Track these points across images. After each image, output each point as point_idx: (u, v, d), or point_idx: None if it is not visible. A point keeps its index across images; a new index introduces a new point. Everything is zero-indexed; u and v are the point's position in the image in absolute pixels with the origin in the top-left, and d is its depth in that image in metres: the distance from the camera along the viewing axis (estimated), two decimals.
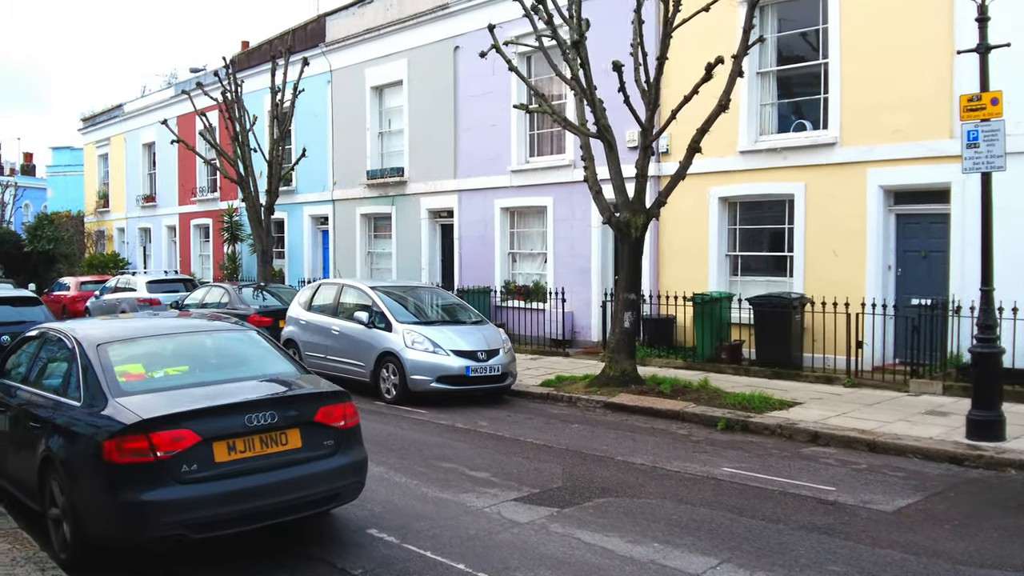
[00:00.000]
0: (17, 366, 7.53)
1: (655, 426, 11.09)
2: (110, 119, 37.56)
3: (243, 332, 7.27)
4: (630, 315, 13.20)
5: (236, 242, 27.91)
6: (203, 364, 6.76)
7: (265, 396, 6.16)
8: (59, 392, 6.44)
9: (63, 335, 6.86)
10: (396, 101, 22.81)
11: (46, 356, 7.11)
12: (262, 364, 6.90)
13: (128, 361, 6.43)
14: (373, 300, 13.33)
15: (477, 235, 20.28)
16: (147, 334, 7.02)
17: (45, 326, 7.49)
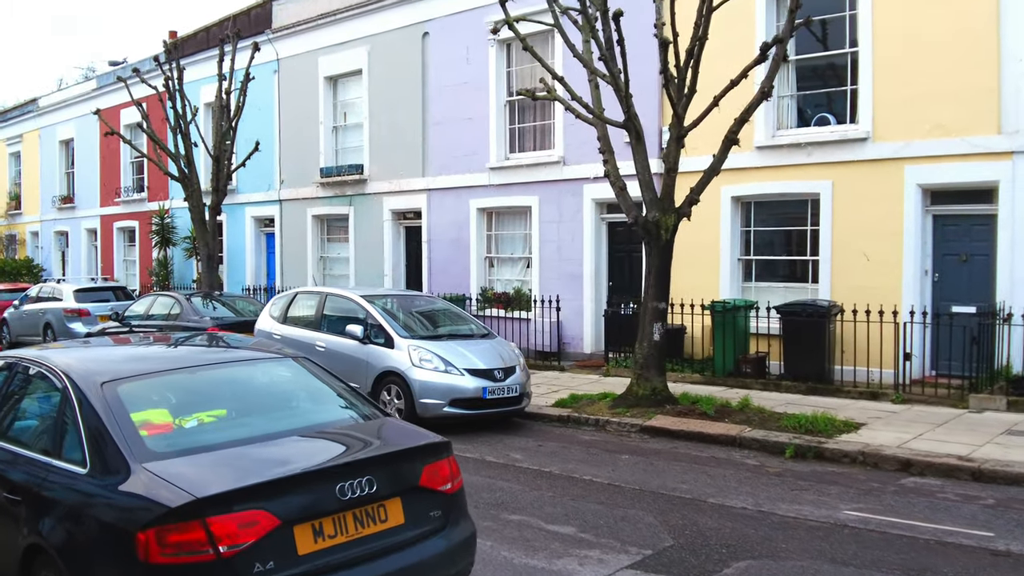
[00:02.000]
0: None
1: (715, 455, 9.64)
2: (23, 114, 34.47)
3: (285, 361, 5.49)
4: (660, 326, 11.74)
5: (168, 246, 25.52)
6: (245, 407, 5.00)
7: (359, 456, 4.43)
8: (48, 451, 4.61)
9: (44, 368, 5.01)
10: (354, 93, 20.92)
11: (18, 397, 5.25)
12: (322, 404, 5.18)
13: (146, 405, 4.65)
14: (368, 312, 11.54)
15: (450, 238, 18.58)
16: (164, 367, 5.18)
17: (10, 355, 5.57)
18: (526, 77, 17.47)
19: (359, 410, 5.13)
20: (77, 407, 4.51)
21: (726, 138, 11.50)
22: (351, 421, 4.97)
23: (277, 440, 4.50)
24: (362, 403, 5.26)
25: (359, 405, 5.21)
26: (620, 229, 16.21)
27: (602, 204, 16.20)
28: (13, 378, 5.31)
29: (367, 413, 5.12)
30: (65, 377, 4.73)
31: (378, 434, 4.85)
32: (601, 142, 12.25)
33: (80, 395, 4.55)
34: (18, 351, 5.66)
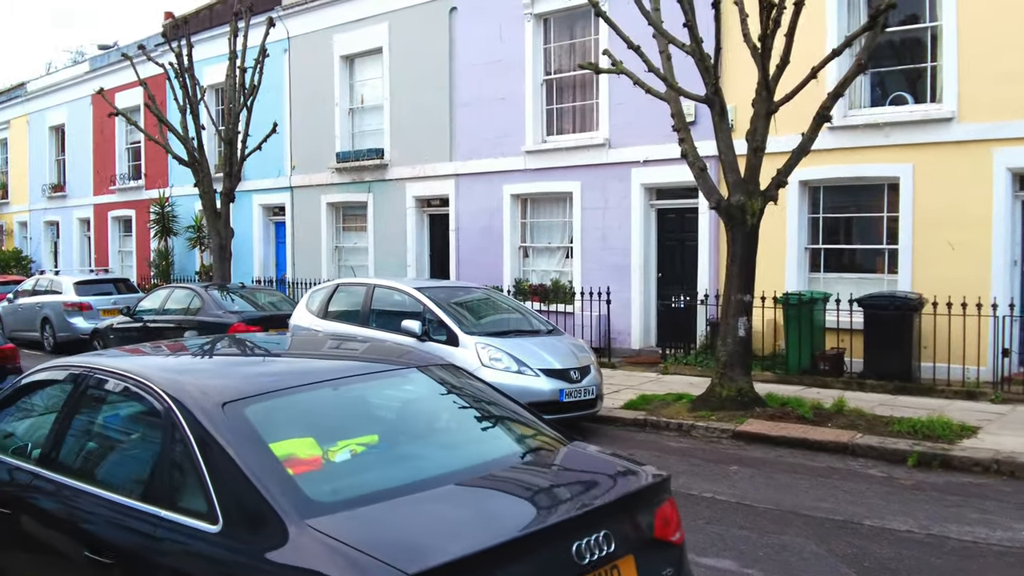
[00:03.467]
0: (20, 433, 4.54)
1: (831, 464, 8.62)
2: (10, 99, 32.92)
3: (431, 369, 4.37)
4: (745, 321, 10.70)
5: (169, 235, 24.22)
6: (398, 431, 3.89)
7: (593, 504, 3.31)
8: (152, 497, 3.45)
9: (134, 384, 3.83)
10: (372, 72, 19.72)
11: (95, 421, 4.11)
12: (492, 424, 4.07)
13: (285, 432, 3.53)
14: (426, 305, 10.42)
15: (480, 227, 17.45)
16: (297, 380, 3.98)
17: (73, 363, 4.41)
18: (564, 55, 16.37)
19: (537, 430, 4.03)
20: (193, 438, 3.37)
21: (818, 114, 10.49)
22: (536, 447, 3.86)
23: (466, 478, 3.39)
24: (533, 419, 4.16)
25: (532, 422, 4.11)
26: (671, 216, 15.16)
27: (651, 189, 15.14)
28: (83, 394, 4.15)
29: (549, 434, 4.01)
30: (168, 397, 3.58)
31: (583, 467, 3.76)
32: (675, 119, 11.22)
33: (195, 421, 3.41)
34: (82, 358, 4.51)
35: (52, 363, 4.64)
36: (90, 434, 4.10)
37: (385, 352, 4.75)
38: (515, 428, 4.03)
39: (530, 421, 4.15)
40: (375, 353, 4.81)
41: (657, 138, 14.72)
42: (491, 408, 4.16)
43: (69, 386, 4.27)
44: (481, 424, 4.09)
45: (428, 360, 4.60)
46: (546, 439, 3.94)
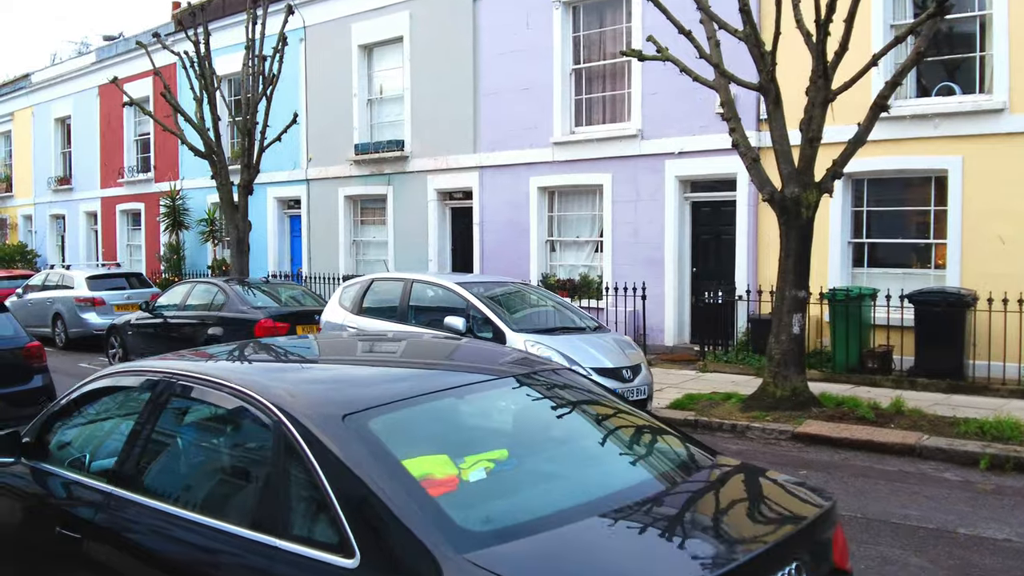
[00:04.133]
0: (79, 444, 4.19)
1: (903, 468, 8.26)
2: (14, 91, 32.42)
3: (561, 372, 3.98)
4: (799, 318, 10.31)
5: (180, 229, 23.78)
6: (527, 444, 3.50)
7: (784, 534, 2.92)
8: (263, 524, 3.02)
9: (231, 392, 3.40)
10: (392, 62, 19.29)
11: (184, 433, 3.73)
12: (633, 441, 3.67)
13: (415, 449, 3.13)
14: (469, 301, 10.02)
15: (505, 220, 17.05)
16: (420, 387, 3.53)
17: (152, 367, 4.00)
18: (594, 43, 15.96)
19: (680, 443, 3.64)
20: (312, 456, 2.95)
21: (875, 104, 10.12)
22: (687, 464, 3.47)
23: (626, 503, 2.99)
24: (670, 429, 3.76)
25: (672, 433, 3.72)
26: (706, 209, 14.78)
27: (686, 182, 14.75)
28: (164, 404, 3.73)
29: (693, 448, 3.62)
30: (276, 408, 3.16)
31: (749, 488, 3.37)
32: (725, 108, 10.80)
33: (311, 436, 3.00)
34: (156, 363, 4.09)
35: (119, 368, 4.23)
36: (177, 450, 3.69)
37: (490, 354, 4.33)
38: (658, 441, 3.63)
39: (669, 432, 3.75)
40: (478, 356, 4.38)
41: (692, 129, 14.35)
42: (624, 418, 3.77)
43: (145, 394, 3.85)
44: (619, 437, 3.69)
45: (542, 364, 4.20)
46: (693, 453, 3.54)
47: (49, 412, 4.36)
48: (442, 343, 4.72)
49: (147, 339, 14.61)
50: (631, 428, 3.71)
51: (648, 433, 3.68)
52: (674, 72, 13.81)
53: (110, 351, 15.59)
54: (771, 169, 10.54)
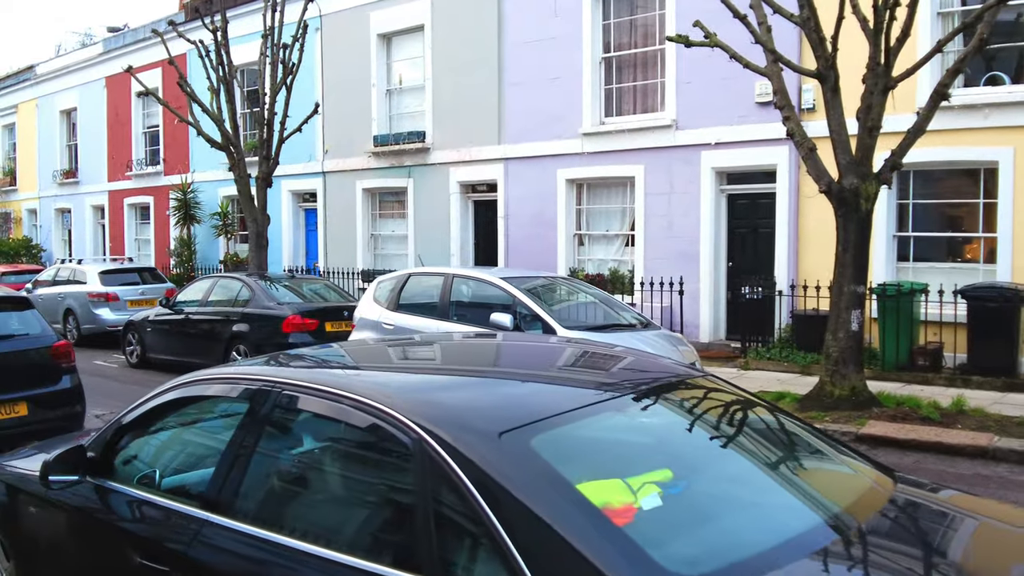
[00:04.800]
0: (153, 460, 3.79)
1: (978, 471, 7.89)
2: (18, 83, 31.89)
3: (706, 380, 3.57)
4: (858, 314, 9.91)
5: (191, 223, 23.33)
6: (690, 463, 3.08)
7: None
8: (405, 561, 2.60)
9: (359, 405, 2.95)
10: (412, 51, 18.84)
11: (295, 453, 3.31)
12: (807, 459, 3.26)
13: (585, 472, 2.71)
14: (516, 297, 9.61)
15: (531, 213, 16.63)
16: (575, 402, 3.06)
17: (249, 374, 3.56)
18: (625, 31, 15.53)
19: (859, 464, 3.24)
20: (469, 482, 2.54)
21: (936, 92, 9.70)
22: (874, 490, 3.06)
23: (827, 534, 2.59)
24: (844, 448, 3.36)
25: (847, 453, 3.32)
26: (742, 202, 14.37)
27: (722, 173, 14.35)
28: (269, 417, 3.28)
29: (872, 470, 3.22)
30: (416, 424, 2.72)
31: (956, 520, 2.97)
32: (778, 96, 10.39)
33: (464, 458, 2.58)
34: (252, 368, 3.64)
35: (203, 375, 3.78)
36: (288, 473, 3.27)
37: (617, 359, 3.89)
38: (835, 459, 3.23)
39: (843, 452, 3.35)
40: (604, 360, 3.92)
41: (730, 119, 13.95)
42: (786, 428, 3.36)
43: (240, 406, 3.43)
44: (791, 452, 3.28)
45: (687, 369, 3.79)
46: (874, 476, 3.14)
47: (117, 423, 3.93)
48: (553, 346, 4.29)
49: (167, 336, 14.19)
50: (798, 442, 3.31)
51: (820, 448, 3.27)
52: (710, 60, 13.51)
53: (127, 348, 15.16)
54: (826, 160, 10.14)
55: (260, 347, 12.50)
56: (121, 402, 11.54)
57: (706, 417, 3.34)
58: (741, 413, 3.41)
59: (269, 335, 12.49)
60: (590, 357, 3.79)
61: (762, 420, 3.39)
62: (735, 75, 13.53)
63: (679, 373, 3.54)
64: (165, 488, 3.62)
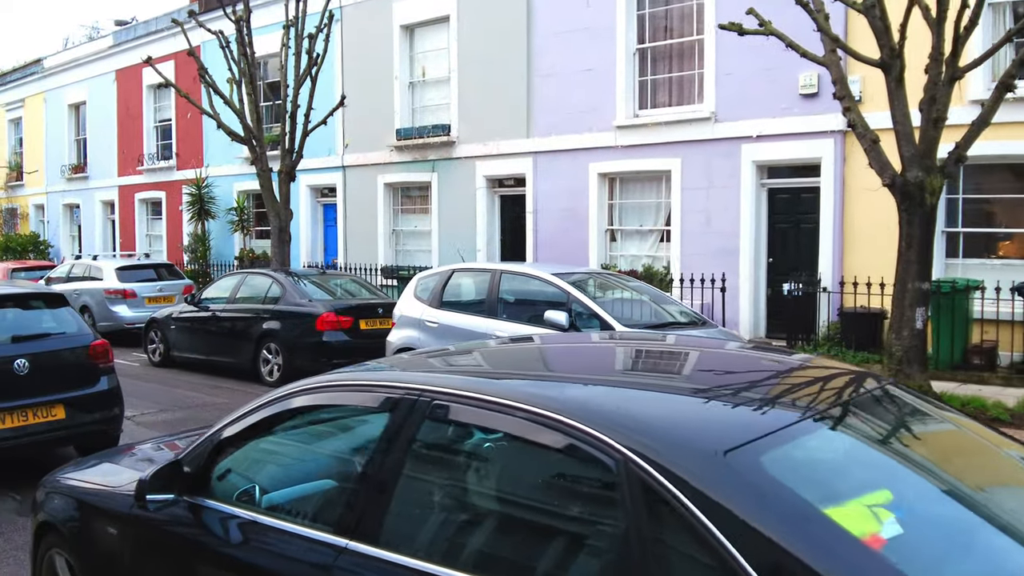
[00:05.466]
0: (258, 476, 3.43)
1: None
2: (25, 77, 31.45)
3: (898, 389, 3.17)
4: (923, 312, 9.55)
5: (206, 218, 22.91)
6: (904, 479, 2.69)
7: None
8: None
9: (537, 419, 2.55)
10: (436, 43, 18.43)
11: (456, 474, 2.91)
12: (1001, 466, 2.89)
13: (825, 495, 2.32)
14: (570, 294, 9.24)
15: (561, 208, 16.25)
16: (789, 416, 2.66)
17: (385, 380, 3.13)
18: (660, 21, 15.15)
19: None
20: (698, 511, 2.16)
21: (1001, 83, 9.40)
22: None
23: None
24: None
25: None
26: (784, 196, 14.01)
27: (763, 167, 13.98)
28: (417, 431, 2.85)
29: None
30: (622, 445, 2.33)
31: None
32: (837, 86, 10.01)
33: (687, 485, 2.21)
34: (394, 374, 3.22)
35: (329, 380, 3.37)
36: (449, 496, 2.85)
37: (807, 367, 3.44)
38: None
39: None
40: (784, 362, 3.52)
41: (772, 111, 13.57)
42: (995, 445, 2.98)
43: (380, 416, 3.04)
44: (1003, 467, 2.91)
45: (873, 375, 3.39)
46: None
47: (219, 435, 3.53)
48: (701, 349, 3.87)
49: (192, 334, 13.80)
50: (1008, 454, 2.92)
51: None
52: (752, 51, 13.16)
53: (150, 347, 14.78)
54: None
55: (292, 346, 12.14)
56: (150, 402, 11.19)
57: (907, 428, 2.95)
58: (935, 423, 3.02)
59: (302, 333, 12.11)
60: (758, 361, 3.40)
61: (961, 429, 3.01)
62: (778, 66, 13.22)
63: (867, 381, 3.15)
64: (276, 508, 3.25)
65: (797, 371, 3.32)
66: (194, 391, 12.20)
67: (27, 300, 8.38)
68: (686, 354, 3.56)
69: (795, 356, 3.70)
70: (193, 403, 11.33)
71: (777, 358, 3.50)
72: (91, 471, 4.38)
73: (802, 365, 3.41)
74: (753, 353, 3.63)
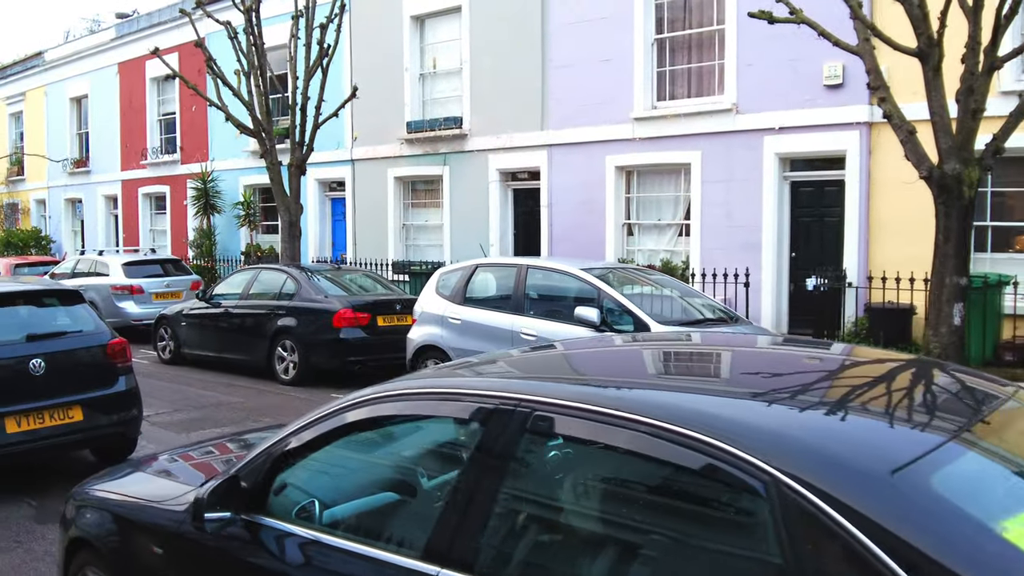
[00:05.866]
0: (339, 497, 3.17)
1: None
2: (26, 70, 31.06)
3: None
4: (960, 308, 9.27)
5: (212, 213, 22.60)
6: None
7: None
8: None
9: (656, 431, 2.26)
10: (448, 34, 18.12)
11: (565, 494, 2.61)
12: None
13: (996, 513, 2.04)
14: (600, 289, 8.97)
15: (577, 202, 15.96)
16: (947, 428, 2.38)
17: (475, 388, 2.79)
18: (679, 11, 14.85)
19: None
20: (868, 541, 1.88)
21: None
22: None
23: None
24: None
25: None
26: (807, 190, 13.73)
27: (785, 160, 13.70)
28: (516, 446, 2.55)
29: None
30: (770, 466, 2.05)
31: None
32: (872, 76, 9.71)
33: (852, 510, 1.92)
34: (477, 380, 2.91)
35: (406, 387, 3.03)
36: (565, 522, 2.54)
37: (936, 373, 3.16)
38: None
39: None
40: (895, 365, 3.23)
41: (796, 102, 13.29)
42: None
43: (470, 428, 2.74)
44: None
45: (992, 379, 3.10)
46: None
47: (281, 446, 3.24)
48: (806, 352, 3.57)
49: (204, 331, 13.52)
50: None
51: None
52: (775, 41, 12.90)
53: (159, 343, 14.49)
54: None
55: (308, 343, 11.87)
56: (163, 401, 10.91)
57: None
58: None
59: (318, 330, 11.83)
60: (857, 364, 3.12)
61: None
62: (802, 56, 12.96)
63: (994, 387, 2.87)
64: (338, 525, 2.98)
65: (904, 372, 3.04)
66: (207, 389, 11.92)
67: (42, 297, 8.10)
68: (784, 360, 3.27)
69: (886, 355, 3.41)
70: (207, 402, 11.06)
71: (872, 358, 3.22)
72: (125, 482, 4.11)
73: (906, 365, 3.13)
74: (840, 356, 3.33)
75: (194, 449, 4.67)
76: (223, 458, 4.34)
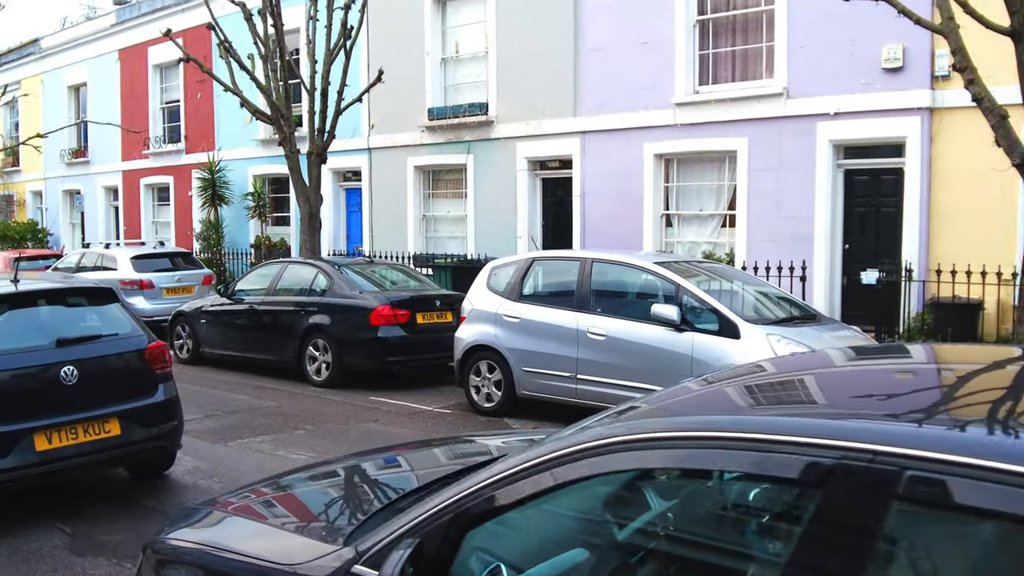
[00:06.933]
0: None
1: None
2: (21, 57, 30.09)
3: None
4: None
5: (220, 204, 21.77)
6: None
7: None
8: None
9: None
10: (472, 16, 17.34)
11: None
12: None
13: None
14: (680, 285, 8.25)
15: (612, 191, 15.23)
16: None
17: (766, 431, 2.00)
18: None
19: None
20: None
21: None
22: None
23: None
24: None
25: None
26: (862, 178, 13.04)
27: (839, 147, 13.00)
28: (875, 520, 1.76)
29: None
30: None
31: None
32: (957, 57, 9.03)
33: None
34: (795, 420, 2.09)
35: (643, 432, 2.25)
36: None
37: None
38: None
39: None
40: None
41: (852, 87, 12.60)
42: None
43: (795, 491, 2.00)
44: None
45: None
46: None
47: (473, 501, 2.48)
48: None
49: (227, 329, 12.76)
50: None
51: None
52: (830, 22, 12.22)
53: (176, 342, 13.71)
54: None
55: (343, 342, 11.13)
56: (191, 405, 10.05)
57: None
58: None
59: (353, 328, 11.10)
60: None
61: None
62: (858, 38, 12.31)
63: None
64: None
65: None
66: (235, 392, 11.18)
67: (70, 296, 7.32)
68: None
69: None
70: (238, 406, 10.32)
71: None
72: (221, 531, 3.30)
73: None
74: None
75: (267, 485, 3.85)
76: (326, 498, 3.63)
